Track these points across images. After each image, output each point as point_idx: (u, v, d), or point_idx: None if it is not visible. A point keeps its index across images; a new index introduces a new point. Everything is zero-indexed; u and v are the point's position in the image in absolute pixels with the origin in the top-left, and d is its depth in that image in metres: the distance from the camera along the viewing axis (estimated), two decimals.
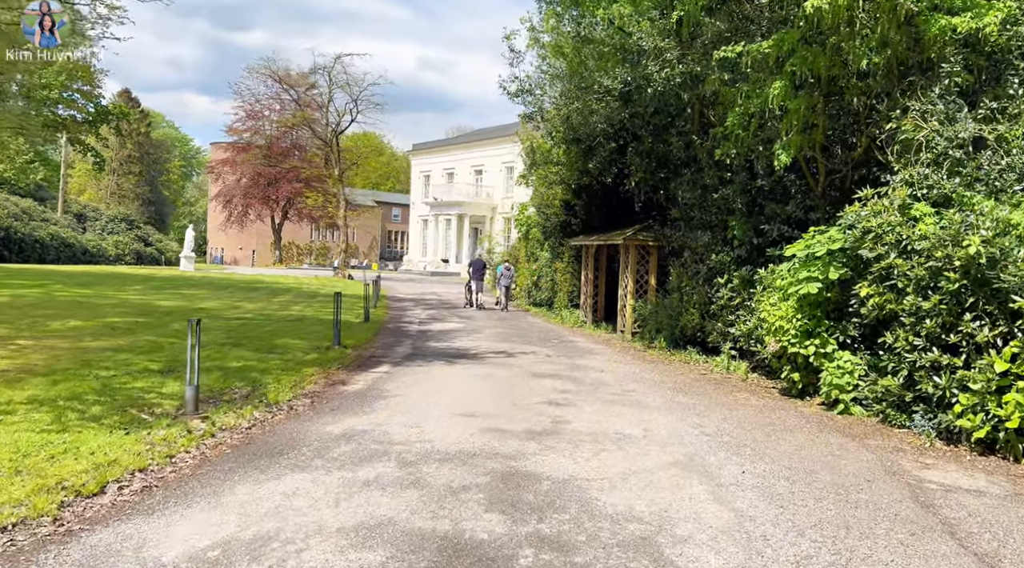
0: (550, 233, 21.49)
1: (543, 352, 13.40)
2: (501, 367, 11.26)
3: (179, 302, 20.40)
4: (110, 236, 51.54)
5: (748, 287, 12.01)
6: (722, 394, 9.83)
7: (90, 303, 18.29)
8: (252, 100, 56.79)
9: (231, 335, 13.42)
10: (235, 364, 10.15)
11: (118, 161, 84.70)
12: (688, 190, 13.65)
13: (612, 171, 16.32)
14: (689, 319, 13.91)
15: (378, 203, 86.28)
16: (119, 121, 77.44)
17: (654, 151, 14.52)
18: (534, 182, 22.40)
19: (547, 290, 22.86)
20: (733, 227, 12.74)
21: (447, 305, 25.51)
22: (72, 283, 26.01)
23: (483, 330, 17.16)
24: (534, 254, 24.82)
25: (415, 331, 16.49)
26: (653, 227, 17.03)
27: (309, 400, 8.33)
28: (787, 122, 10.37)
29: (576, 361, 12.39)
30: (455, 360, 11.84)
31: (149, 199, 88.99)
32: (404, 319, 19.61)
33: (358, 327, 16.37)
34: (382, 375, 10.14)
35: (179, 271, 44.45)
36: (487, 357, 12.42)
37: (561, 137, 16.75)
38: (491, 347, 13.87)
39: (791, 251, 10.00)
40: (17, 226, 40.43)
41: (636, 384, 10.21)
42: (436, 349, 13.30)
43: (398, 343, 14.12)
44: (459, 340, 14.94)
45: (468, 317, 20.56)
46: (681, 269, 14.52)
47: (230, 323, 15.59)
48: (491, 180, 53.67)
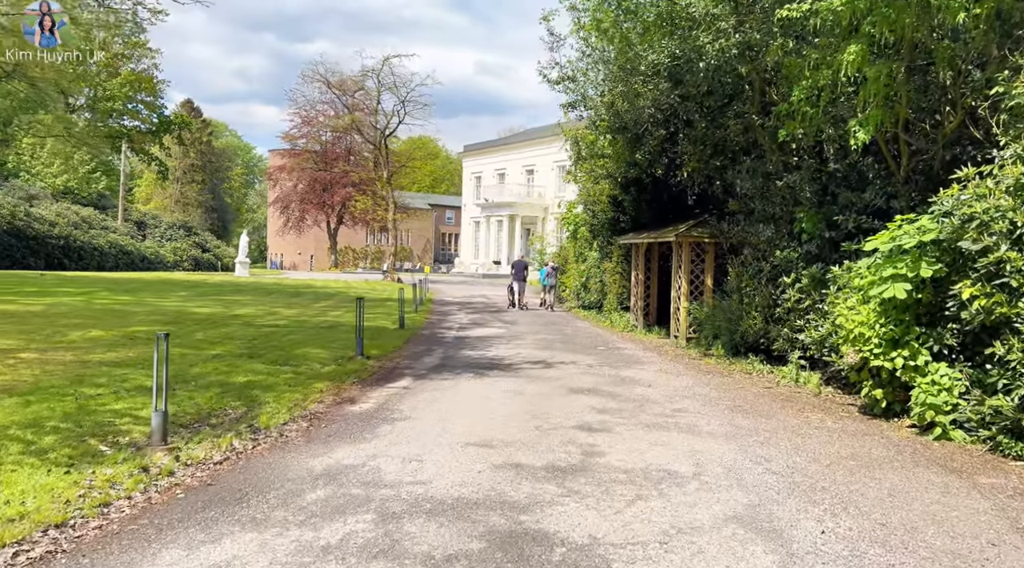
0: (598, 231, 20.14)
1: (585, 362, 12.10)
2: (535, 381, 10.02)
3: (217, 309, 19.86)
4: (168, 243, 52.38)
5: (819, 287, 10.47)
6: (791, 414, 8.37)
7: (124, 311, 17.85)
8: (307, 106, 57.07)
9: (251, 345, 12.58)
10: (240, 379, 9.20)
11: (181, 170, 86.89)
12: (748, 179, 12.15)
13: (662, 162, 14.90)
14: (751, 324, 12.40)
15: (432, 206, 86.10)
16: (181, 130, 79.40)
17: (708, 137, 13.06)
18: (581, 178, 21.09)
19: (596, 292, 21.50)
20: (801, 219, 11.20)
21: (492, 308, 24.40)
22: (119, 290, 25.95)
23: (525, 336, 15.94)
24: (583, 254, 23.48)
25: (451, 338, 15.39)
26: (708, 222, 15.52)
27: (306, 423, 7.27)
28: (865, 94, 8.83)
29: (621, 372, 11.05)
30: (486, 372, 10.66)
31: (212, 206, 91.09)
32: (443, 324, 18.56)
33: (391, 334, 15.38)
34: (399, 391, 9.03)
35: (233, 276, 44.70)
36: (522, 368, 11.20)
37: (606, 126, 15.40)
38: (529, 356, 12.64)
39: (872, 245, 8.47)
40: (77, 234, 41.22)
41: (688, 401, 8.82)
42: (468, 359, 12.16)
43: (429, 352, 13.04)
44: (496, 348, 13.77)
45: (511, 322, 19.37)
46: (741, 268, 13.01)
47: (259, 331, 14.82)
48: (543, 180, 52.42)
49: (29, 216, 38.41)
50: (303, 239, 75.48)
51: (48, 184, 48.09)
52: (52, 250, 39.00)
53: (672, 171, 15.12)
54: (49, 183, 48.25)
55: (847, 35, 8.92)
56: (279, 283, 37.22)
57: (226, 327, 15.37)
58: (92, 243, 42.05)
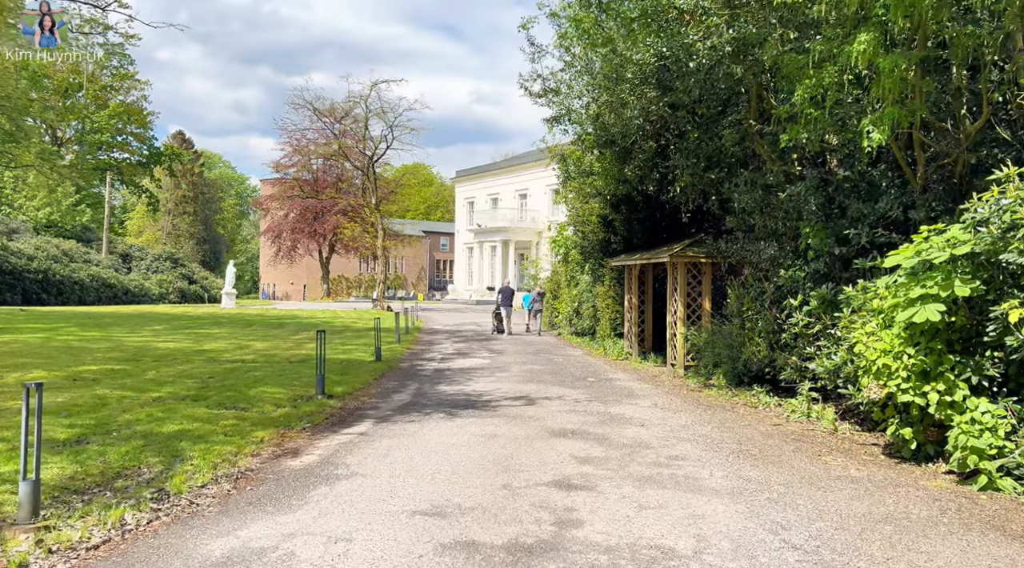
0: (589, 254, 19.05)
1: (572, 397, 10.90)
2: (513, 421, 8.82)
3: (184, 343, 18.67)
4: (154, 275, 51.23)
5: (831, 310, 9.34)
6: (806, 459, 7.17)
7: (83, 348, 16.65)
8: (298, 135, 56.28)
9: (205, 384, 11.38)
10: (172, 428, 8.00)
11: (173, 202, 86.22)
12: (746, 192, 11.08)
13: (653, 177, 13.85)
14: (754, 351, 11.25)
15: (426, 233, 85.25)
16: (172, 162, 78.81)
17: (702, 148, 12.02)
18: (570, 198, 20.06)
19: (588, 318, 20.35)
20: (807, 235, 10.09)
21: (481, 337, 23.22)
22: (90, 325, 24.74)
23: (510, 367, 14.75)
24: (575, 278, 22.37)
25: (430, 371, 14.19)
26: (705, 241, 14.45)
27: (230, 485, 6.07)
28: (877, 90, 7.77)
29: (611, 409, 9.85)
30: (458, 412, 9.46)
31: (203, 237, 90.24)
32: (425, 355, 17.37)
33: (364, 368, 14.18)
34: (353, 439, 7.83)
35: (218, 308, 43.51)
36: (500, 406, 9.99)
37: (592, 141, 14.38)
38: (511, 391, 11.44)
39: (894, 260, 7.35)
40: (56, 268, 40.05)
41: (688, 445, 7.63)
42: (442, 396, 10.96)
43: (402, 387, 11.84)
44: (477, 382, 12.57)
45: (498, 351, 18.18)
46: (741, 289, 11.90)
47: (220, 368, 13.62)
48: (536, 203, 51.52)
49: (6, 250, 37.29)
50: (295, 269, 74.49)
51: (30, 217, 47.06)
52: (29, 285, 37.81)
53: (664, 187, 14.08)
54: (31, 216, 47.22)
55: (855, 24, 7.90)
56: (263, 314, 36.02)
57: (186, 364, 14.18)
58: (72, 277, 40.86)
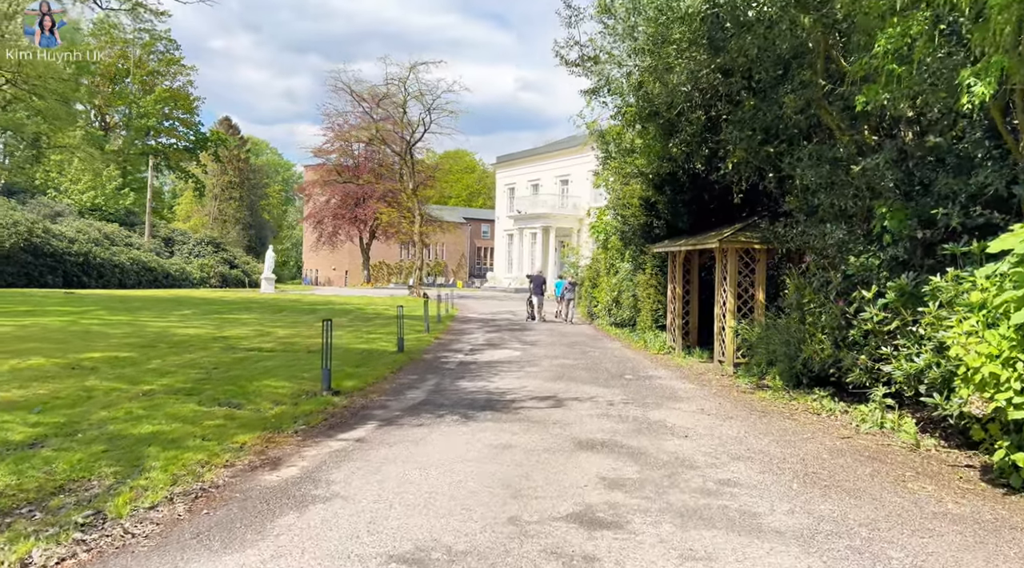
0: (630, 240, 17.72)
1: (605, 397, 9.68)
2: (535, 427, 7.66)
3: (206, 330, 17.97)
4: (196, 259, 51.37)
5: (913, 304, 7.93)
6: (889, 487, 5.86)
7: (100, 333, 16.04)
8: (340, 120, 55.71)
9: (207, 376, 10.50)
10: (147, 429, 7.06)
11: (220, 187, 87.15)
12: (810, 168, 9.66)
13: (702, 153, 12.47)
14: (816, 348, 9.86)
15: (467, 220, 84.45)
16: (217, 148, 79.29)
17: (758, 118, 10.61)
18: (609, 180, 18.73)
19: (628, 308, 19.03)
20: (882, 216, 8.66)
21: (515, 326, 22.10)
22: (120, 309, 24.37)
23: (541, 361, 13.58)
24: (614, 266, 21.05)
25: (454, 364, 13.12)
26: (759, 225, 13.03)
27: (185, 506, 5.06)
28: (982, 35, 6.34)
29: (650, 414, 8.61)
30: (475, 415, 8.34)
31: (249, 223, 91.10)
32: (453, 346, 16.32)
33: (384, 360, 13.18)
34: (347, 446, 6.77)
35: (256, 293, 43.33)
36: (523, 407, 8.84)
37: (634, 113, 13.03)
38: (538, 389, 10.28)
39: (1003, 244, 5.95)
40: (97, 251, 40.18)
41: (741, 465, 6.37)
42: (462, 393, 9.85)
43: (419, 383, 10.78)
44: (503, 377, 11.45)
45: (531, 343, 17.02)
46: (802, 279, 10.50)
47: (231, 357, 12.78)
48: (577, 189, 50.04)
49: (47, 233, 37.47)
50: (337, 254, 74.50)
51: (75, 200, 47.47)
52: (70, 267, 37.97)
53: (714, 164, 12.69)
54: (76, 200, 47.63)
55: None
56: (298, 300, 35.52)
57: (199, 351, 13.38)
58: (112, 260, 40.95)
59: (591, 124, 14.66)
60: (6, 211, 36.51)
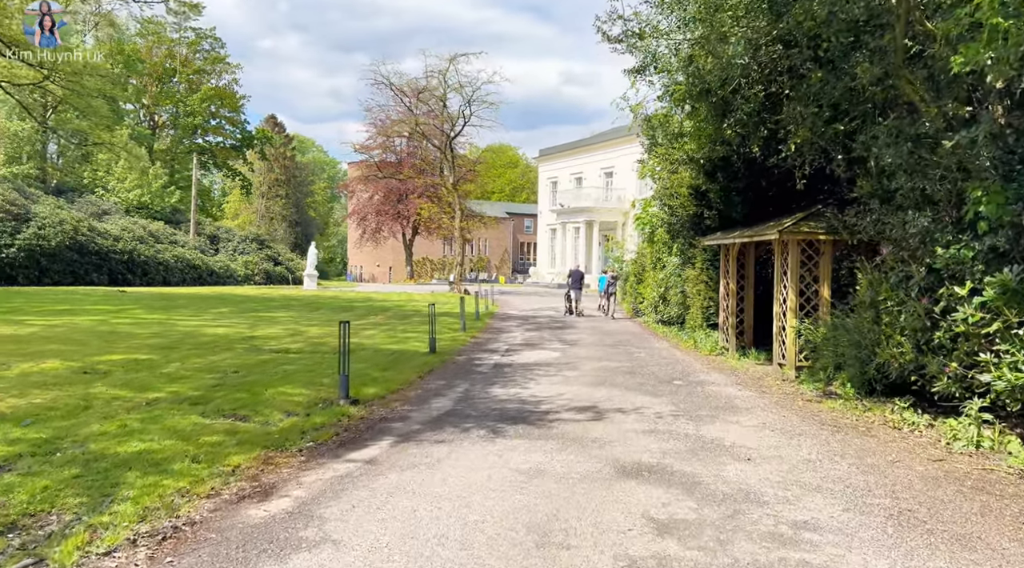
0: (678, 232, 16.54)
1: (653, 408, 8.63)
2: (571, 447, 6.68)
3: (238, 328, 17.45)
4: (240, 256, 51.59)
5: (1019, 303, 6.71)
6: (1007, 532, 4.71)
7: (127, 333, 15.61)
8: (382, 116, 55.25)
9: (221, 381, 9.80)
10: (134, 447, 6.31)
11: (267, 185, 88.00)
12: (888, 146, 8.44)
13: (759, 135, 11.27)
14: (893, 352, 8.63)
15: (510, 215, 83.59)
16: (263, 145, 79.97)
17: (826, 92, 9.39)
18: (655, 169, 17.57)
19: (676, 305, 17.86)
20: (978, 200, 7.41)
21: (556, 324, 21.11)
22: (157, 307, 24.14)
23: (582, 363, 12.57)
24: (661, 260, 19.87)
25: (488, 367, 12.20)
26: (824, 213, 11.79)
27: (148, 550, 4.24)
28: None
29: (705, 430, 7.54)
30: (504, 429, 7.40)
31: (295, 220, 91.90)
32: (489, 346, 15.42)
33: (414, 361, 12.35)
34: (353, 470, 5.90)
35: (299, 290, 43.21)
36: (560, 420, 7.86)
37: (683, 93, 11.89)
38: (577, 397, 9.28)
39: None
40: (141, 249, 40.46)
41: (819, 499, 5.28)
42: (493, 402, 8.92)
43: (447, 389, 9.89)
44: (539, 382, 10.48)
45: (571, 342, 16.01)
46: (876, 274, 9.27)
47: (253, 359, 12.11)
48: (622, 182, 48.66)
49: (93, 231, 37.82)
50: (380, 250, 74.43)
51: (121, 199, 48.05)
52: (115, 265, 38.27)
53: (773, 147, 11.48)
54: (122, 198, 48.20)
55: None
56: (337, 297, 35.12)
57: (223, 353, 12.75)
58: (157, 258, 41.21)
59: (635, 107, 13.54)
60: (52, 209, 36.96)
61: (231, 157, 74.77)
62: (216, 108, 71.44)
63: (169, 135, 69.70)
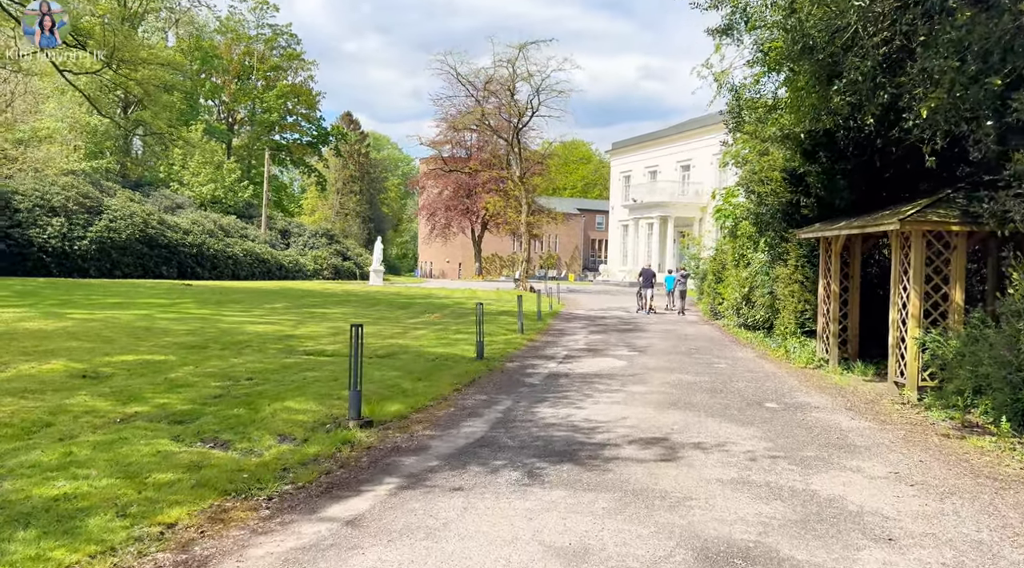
0: (767, 224, 14.36)
1: (742, 444, 6.69)
2: (630, 506, 4.88)
3: (280, 327, 16.29)
4: (310, 251, 51.45)
5: None
6: None
7: (162, 330, 14.62)
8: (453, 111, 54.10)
9: (223, 392, 8.43)
10: (59, 488, 4.87)
11: (341, 181, 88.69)
12: None
13: (876, 101, 9.10)
14: None
15: (581, 211, 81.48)
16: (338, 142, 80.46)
17: (973, 38, 7.23)
18: (741, 152, 15.41)
19: (763, 308, 15.66)
20: None
21: (625, 326, 19.17)
22: (212, 302, 23.40)
23: (650, 376, 10.65)
24: (744, 256, 17.65)
25: (540, 378, 10.46)
26: (954, 200, 9.55)
27: None
28: None
29: (816, 481, 5.58)
30: (543, 471, 5.64)
31: (368, 216, 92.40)
32: (546, 351, 13.68)
33: (455, 369, 10.74)
34: (326, 535, 4.28)
35: (364, 285, 42.52)
36: (617, 459, 6.04)
37: (781, 52, 9.82)
38: (643, 424, 7.43)
39: None
40: (211, 243, 40.46)
41: None
42: (537, 427, 7.17)
43: (486, 407, 8.20)
44: (597, 400, 8.67)
45: (640, 349, 14.08)
46: None
47: (276, 363, 10.78)
48: (699, 176, 45.92)
49: (163, 224, 37.94)
50: (450, 246, 73.60)
51: (195, 193, 48.54)
52: (184, 258, 38.32)
53: (893, 117, 9.30)
54: (196, 192, 48.69)
55: None
56: (399, 292, 34.02)
57: (246, 356, 11.48)
58: (226, 251, 41.15)
59: (720, 75, 11.43)
60: (124, 202, 37.25)
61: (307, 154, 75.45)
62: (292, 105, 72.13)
63: (246, 132, 70.73)
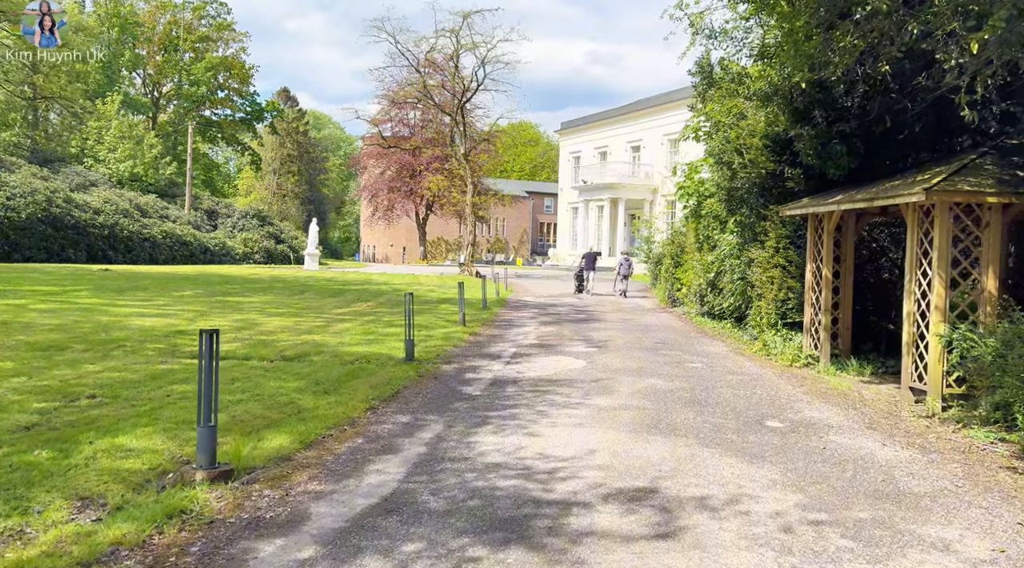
0: (741, 200, 12.53)
1: (761, 497, 4.76)
2: None
3: (174, 320, 13.78)
4: (240, 233, 48.10)
5: None
6: None
7: (27, 325, 12.05)
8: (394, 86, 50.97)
9: (44, 418, 6.13)
10: None
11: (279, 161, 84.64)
12: None
13: (901, 39, 7.26)
14: None
15: (530, 194, 79.46)
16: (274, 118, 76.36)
17: None
18: (706, 124, 13.54)
19: (733, 295, 13.90)
20: None
21: (581, 315, 17.26)
22: (112, 288, 20.51)
23: (617, 383, 8.69)
24: (709, 238, 15.87)
25: (482, 387, 8.39)
26: (983, 165, 7.84)
27: None
28: None
29: None
30: (479, 563, 3.59)
31: (308, 198, 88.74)
32: (491, 347, 11.64)
33: (379, 375, 8.59)
34: None
35: (298, 270, 39.68)
36: (592, 533, 4.02)
37: None
38: (617, 459, 5.43)
39: None
40: (124, 224, 36.92)
41: None
42: (472, 472, 5.10)
43: (405, 437, 6.09)
44: (555, 422, 6.66)
45: (600, 344, 12.16)
46: None
47: (144, 371, 8.45)
48: (650, 157, 44.44)
49: (69, 202, 34.29)
50: (394, 230, 70.70)
51: (112, 170, 44.63)
52: (95, 241, 34.81)
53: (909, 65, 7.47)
54: (113, 169, 44.77)
55: None
56: (334, 278, 31.43)
57: (113, 360, 9.10)
58: (142, 233, 37.67)
59: (697, 17, 9.35)
60: (26, 178, 33.57)
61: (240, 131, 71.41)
62: (223, 79, 67.96)
63: (173, 107, 66.30)
